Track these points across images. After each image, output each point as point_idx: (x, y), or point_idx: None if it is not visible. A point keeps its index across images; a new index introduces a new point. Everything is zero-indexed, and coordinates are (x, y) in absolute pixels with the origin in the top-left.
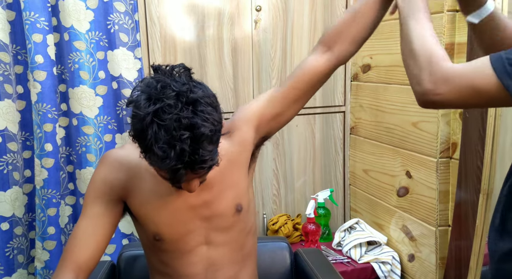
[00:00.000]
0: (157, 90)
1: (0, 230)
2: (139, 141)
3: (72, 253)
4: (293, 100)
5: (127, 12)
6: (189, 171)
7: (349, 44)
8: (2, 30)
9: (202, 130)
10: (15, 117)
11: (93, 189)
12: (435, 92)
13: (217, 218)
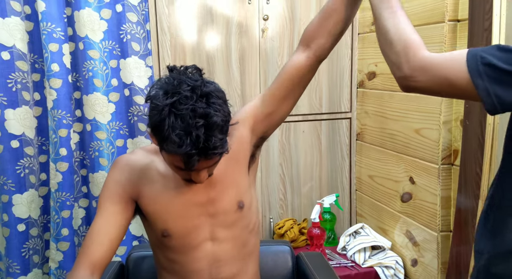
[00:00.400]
0: (173, 85)
1: (17, 231)
2: (157, 131)
3: (87, 251)
4: (282, 98)
5: (139, 22)
6: (202, 157)
7: (325, 39)
8: (21, 40)
9: (215, 119)
10: (32, 123)
11: (107, 190)
12: (414, 79)
13: (221, 214)
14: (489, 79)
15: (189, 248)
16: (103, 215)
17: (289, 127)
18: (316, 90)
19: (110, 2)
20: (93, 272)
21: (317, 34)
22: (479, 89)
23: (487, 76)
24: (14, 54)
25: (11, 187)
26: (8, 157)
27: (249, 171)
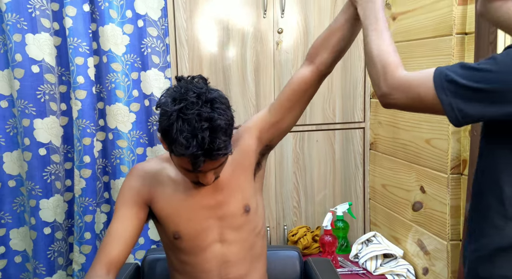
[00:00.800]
0: (181, 93)
1: (43, 234)
2: (166, 135)
3: (104, 250)
4: (288, 108)
5: (159, 36)
6: (208, 158)
7: (327, 55)
8: (49, 54)
9: (219, 122)
10: (58, 131)
11: (122, 196)
12: (391, 97)
13: (228, 217)
14: (451, 94)
15: (199, 249)
16: (119, 218)
17: (303, 136)
18: (330, 100)
19: (132, 17)
20: (109, 270)
21: (321, 51)
22: (443, 104)
23: (450, 91)
24: (43, 67)
25: (38, 192)
26: (36, 164)
27: (255, 178)
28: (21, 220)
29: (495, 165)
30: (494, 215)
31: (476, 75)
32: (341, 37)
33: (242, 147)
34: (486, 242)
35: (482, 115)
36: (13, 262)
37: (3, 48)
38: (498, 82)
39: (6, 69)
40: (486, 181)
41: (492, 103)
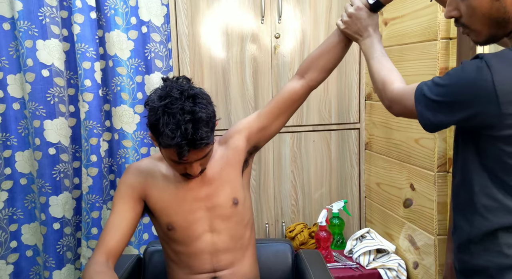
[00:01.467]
0: (166, 91)
1: (53, 229)
2: (154, 129)
3: (103, 241)
4: (276, 116)
5: (162, 42)
6: (192, 148)
7: (317, 74)
8: (58, 59)
9: (200, 114)
10: (67, 132)
11: (119, 192)
12: (392, 109)
13: (218, 208)
14: (423, 106)
15: (191, 239)
16: (116, 212)
17: (300, 136)
18: (326, 102)
19: (136, 24)
20: (108, 258)
21: (312, 69)
22: (418, 114)
23: (423, 103)
24: (52, 72)
25: (48, 189)
26: (46, 163)
27: (242, 174)
28: (32, 216)
29: (466, 165)
30: (466, 209)
31: (438, 89)
32: (332, 59)
33: (232, 146)
34: (461, 234)
35: (444, 123)
36: (24, 256)
37: (15, 53)
38: (448, 95)
39: (18, 73)
40: (460, 179)
41: (448, 113)
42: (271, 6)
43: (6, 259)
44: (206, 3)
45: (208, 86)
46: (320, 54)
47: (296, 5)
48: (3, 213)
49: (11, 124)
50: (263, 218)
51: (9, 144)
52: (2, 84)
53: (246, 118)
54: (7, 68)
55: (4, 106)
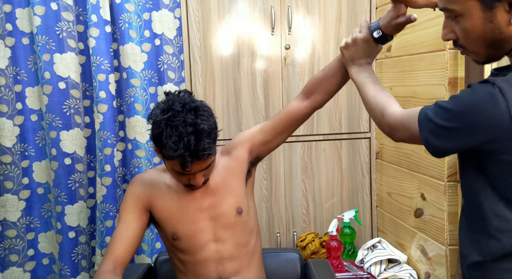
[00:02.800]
0: (168, 104)
1: (68, 238)
2: (158, 142)
3: (111, 250)
4: (280, 132)
5: (174, 54)
6: (195, 159)
7: (322, 96)
8: (75, 72)
9: (202, 126)
10: (82, 142)
11: (125, 202)
12: (392, 135)
13: (221, 218)
14: (428, 131)
15: (196, 248)
16: (122, 222)
17: (311, 145)
18: (336, 111)
19: (150, 37)
20: (115, 266)
21: (316, 91)
22: (423, 140)
23: (427, 128)
24: (68, 84)
25: (64, 198)
26: (62, 173)
27: (246, 184)
28: (49, 225)
29: (473, 186)
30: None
31: (444, 114)
32: (334, 83)
33: (235, 156)
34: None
35: (452, 148)
36: (41, 264)
37: (33, 66)
38: (457, 121)
39: (36, 86)
40: (468, 199)
41: (456, 138)
42: (281, 17)
43: (23, 267)
44: (217, 16)
45: (220, 96)
46: (324, 77)
47: (306, 16)
48: (21, 221)
49: (29, 135)
50: (274, 227)
51: (27, 154)
52: (21, 96)
53: (249, 129)
54: (26, 81)
55: (22, 117)
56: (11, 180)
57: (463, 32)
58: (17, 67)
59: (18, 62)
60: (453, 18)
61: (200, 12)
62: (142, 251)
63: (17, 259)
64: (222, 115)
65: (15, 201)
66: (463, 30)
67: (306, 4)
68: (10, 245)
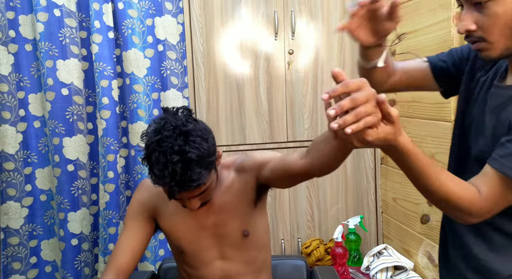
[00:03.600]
0: (160, 125)
1: (71, 245)
2: (147, 163)
3: (114, 259)
4: (277, 179)
5: (177, 59)
6: (182, 189)
7: (315, 159)
8: (78, 78)
9: (190, 155)
10: (85, 149)
11: (131, 209)
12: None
13: (227, 238)
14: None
15: (201, 264)
16: (127, 230)
17: None
18: None
19: (153, 42)
20: (118, 276)
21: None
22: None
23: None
24: (71, 90)
25: (66, 205)
26: (65, 179)
27: (256, 205)
28: (51, 232)
29: None
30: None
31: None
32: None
33: (244, 180)
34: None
35: None
36: (44, 272)
37: (36, 73)
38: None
39: (39, 92)
40: None
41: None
42: (285, 22)
43: (26, 274)
44: (220, 21)
45: (223, 102)
46: (320, 145)
47: (310, 21)
48: (24, 229)
49: (32, 141)
50: (278, 234)
51: (29, 161)
52: (23, 103)
53: (262, 155)
54: (29, 87)
55: (25, 124)
56: (14, 187)
57: (491, 19)
58: (20, 74)
59: (21, 68)
60: (478, 5)
61: (203, 18)
62: (146, 258)
63: (19, 266)
64: (226, 120)
65: (18, 208)
66: (493, 15)
67: (309, 9)
68: (13, 252)
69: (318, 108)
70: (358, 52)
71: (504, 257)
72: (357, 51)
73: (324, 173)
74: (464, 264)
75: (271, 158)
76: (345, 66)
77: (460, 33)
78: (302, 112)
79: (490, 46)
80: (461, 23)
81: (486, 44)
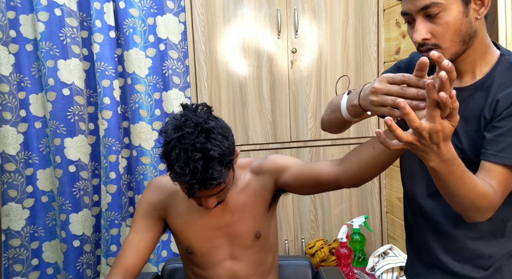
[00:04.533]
0: (181, 121)
1: (73, 246)
2: (166, 161)
3: (121, 259)
4: (300, 184)
5: (179, 59)
6: (202, 187)
7: (352, 165)
8: (79, 78)
9: (211, 153)
10: (86, 149)
11: (140, 208)
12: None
13: (239, 239)
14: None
15: (210, 265)
16: (135, 230)
17: (318, 151)
18: None
19: (154, 42)
20: (125, 277)
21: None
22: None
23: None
24: (73, 90)
25: (68, 207)
26: (66, 180)
27: (269, 209)
28: (53, 234)
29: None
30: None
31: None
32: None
33: (262, 182)
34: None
35: None
36: (45, 274)
37: (37, 73)
38: None
39: (40, 93)
40: None
41: None
42: (288, 21)
43: (27, 277)
44: (222, 20)
45: (225, 101)
46: (361, 147)
47: (313, 19)
48: (25, 230)
49: (33, 142)
50: (282, 234)
51: (31, 162)
52: (24, 103)
53: (283, 159)
54: (30, 87)
55: (26, 125)
56: (15, 189)
57: (443, 28)
58: (21, 74)
59: (22, 69)
60: (430, 17)
61: (205, 17)
62: (148, 259)
63: (21, 269)
64: (228, 120)
65: (19, 210)
66: (445, 24)
67: (312, 7)
68: (14, 254)
69: (322, 108)
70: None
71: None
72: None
73: (354, 183)
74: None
75: (294, 163)
76: (349, 64)
77: (416, 42)
78: (305, 111)
79: (442, 52)
80: (417, 33)
81: (440, 50)
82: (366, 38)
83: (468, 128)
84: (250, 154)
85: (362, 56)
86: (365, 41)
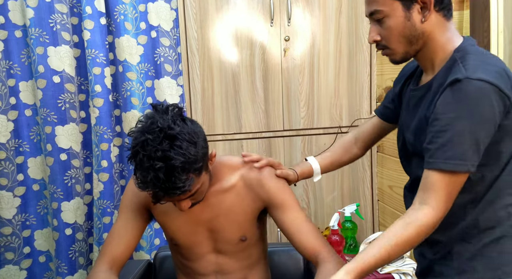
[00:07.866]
0: (147, 125)
1: (65, 235)
2: (132, 163)
3: (107, 249)
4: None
5: (171, 46)
6: (166, 195)
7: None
8: (69, 65)
9: (173, 162)
10: (78, 138)
11: (126, 198)
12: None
13: (222, 238)
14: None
15: (196, 257)
16: (121, 219)
17: (311, 139)
18: (336, 104)
19: (146, 29)
20: (111, 266)
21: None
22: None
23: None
24: (63, 78)
25: (60, 195)
26: (58, 169)
27: (259, 217)
28: (45, 222)
29: None
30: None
31: None
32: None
33: (251, 197)
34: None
35: None
36: (37, 262)
37: (27, 60)
38: None
39: (30, 80)
40: None
41: None
42: (280, 8)
43: (19, 265)
44: (215, 7)
45: (218, 90)
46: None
47: (306, 7)
48: (16, 219)
49: (23, 130)
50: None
51: (21, 150)
52: (14, 91)
53: (283, 197)
54: (19, 75)
55: (16, 112)
56: (6, 177)
57: (387, 31)
58: (10, 61)
59: (11, 55)
60: (379, 21)
61: (197, 3)
62: (141, 247)
63: (13, 257)
64: (221, 109)
65: (10, 198)
66: (388, 28)
67: None
68: (6, 242)
69: (315, 96)
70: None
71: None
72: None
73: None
74: None
75: (290, 206)
76: (342, 52)
77: (369, 42)
78: (298, 100)
79: (392, 51)
80: (369, 36)
81: (389, 50)
82: (359, 26)
83: (421, 128)
84: (243, 143)
85: (355, 44)
86: (358, 29)
